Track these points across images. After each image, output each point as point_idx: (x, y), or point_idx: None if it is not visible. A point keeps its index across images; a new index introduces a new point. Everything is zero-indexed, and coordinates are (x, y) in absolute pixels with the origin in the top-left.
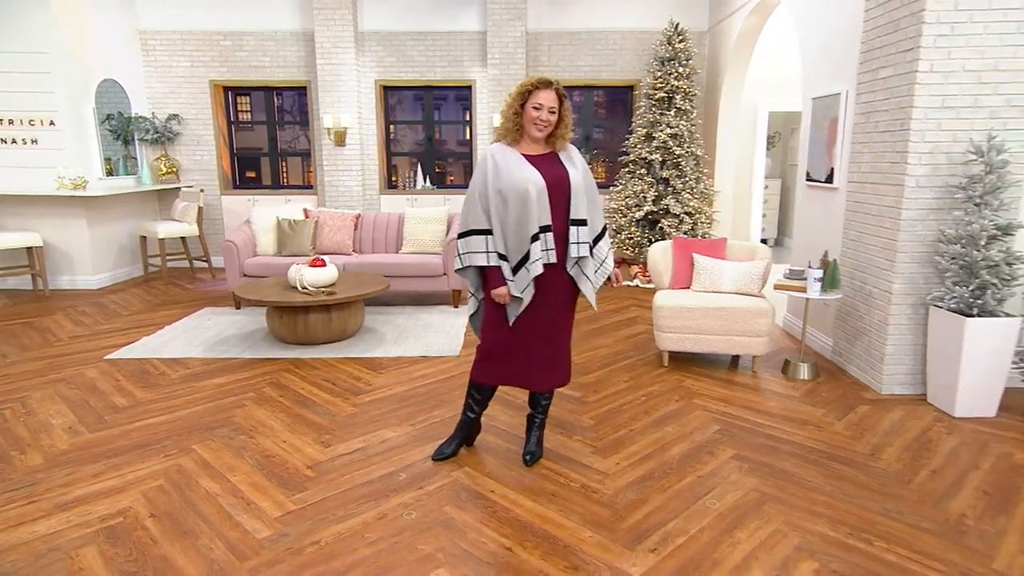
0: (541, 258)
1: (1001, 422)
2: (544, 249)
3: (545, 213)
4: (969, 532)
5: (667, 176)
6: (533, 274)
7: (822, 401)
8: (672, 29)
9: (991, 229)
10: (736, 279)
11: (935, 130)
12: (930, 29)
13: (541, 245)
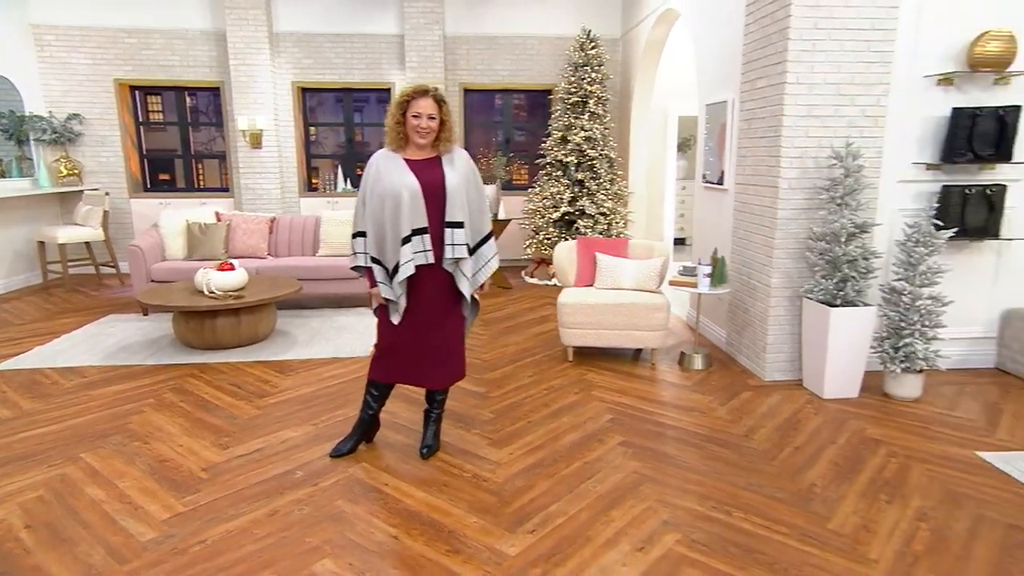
0: (413, 260)
1: (862, 401)
2: (417, 251)
3: (419, 216)
4: (815, 499)
5: (582, 178)
6: (403, 275)
7: (711, 389)
8: (585, 36)
9: (850, 227)
10: (635, 276)
11: (803, 137)
12: (794, 45)
13: (413, 247)
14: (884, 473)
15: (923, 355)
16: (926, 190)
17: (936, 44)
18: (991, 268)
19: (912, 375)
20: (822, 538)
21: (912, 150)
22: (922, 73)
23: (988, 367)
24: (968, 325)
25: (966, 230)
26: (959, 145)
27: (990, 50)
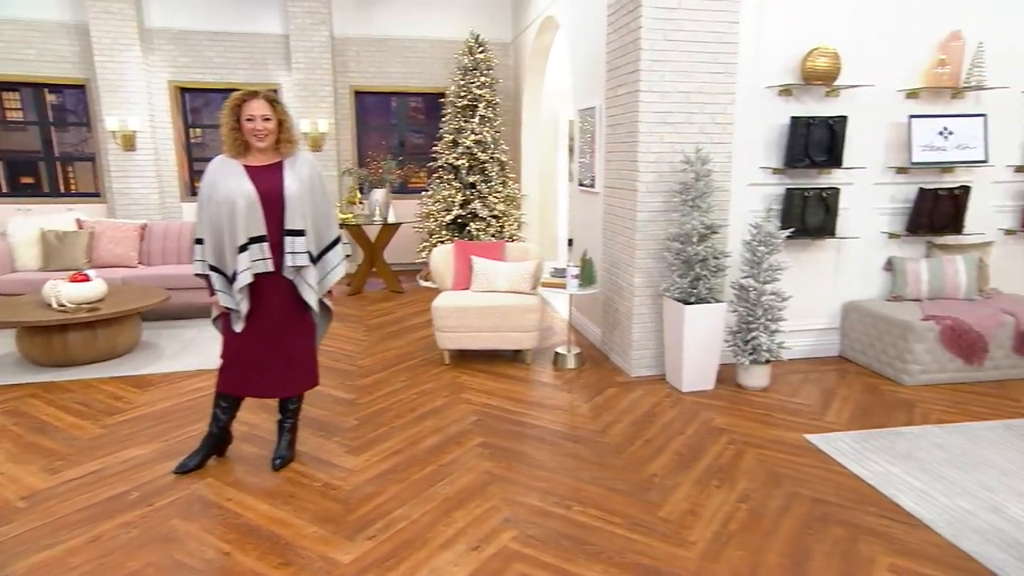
0: (251, 268)
1: (717, 393)
2: (256, 259)
3: (256, 224)
4: (654, 488)
5: (474, 181)
6: (240, 284)
7: (579, 387)
8: (473, 40)
9: (701, 228)
10: (509, 278)
11: (658, 142)
12: (646, 55)
13: (251, 255)
14: (720, 460)
15: (767, 347)
16: (773, 193)
17: (775, 58)
18: (832, 264)
19: (760, 366)
20: (651, 525)
21: (759, 155)
22: (764, 84)
23: (833, 355)
24: (815, 317)
25: (806, 230)
26: (797, 151)
27: (819, 65)
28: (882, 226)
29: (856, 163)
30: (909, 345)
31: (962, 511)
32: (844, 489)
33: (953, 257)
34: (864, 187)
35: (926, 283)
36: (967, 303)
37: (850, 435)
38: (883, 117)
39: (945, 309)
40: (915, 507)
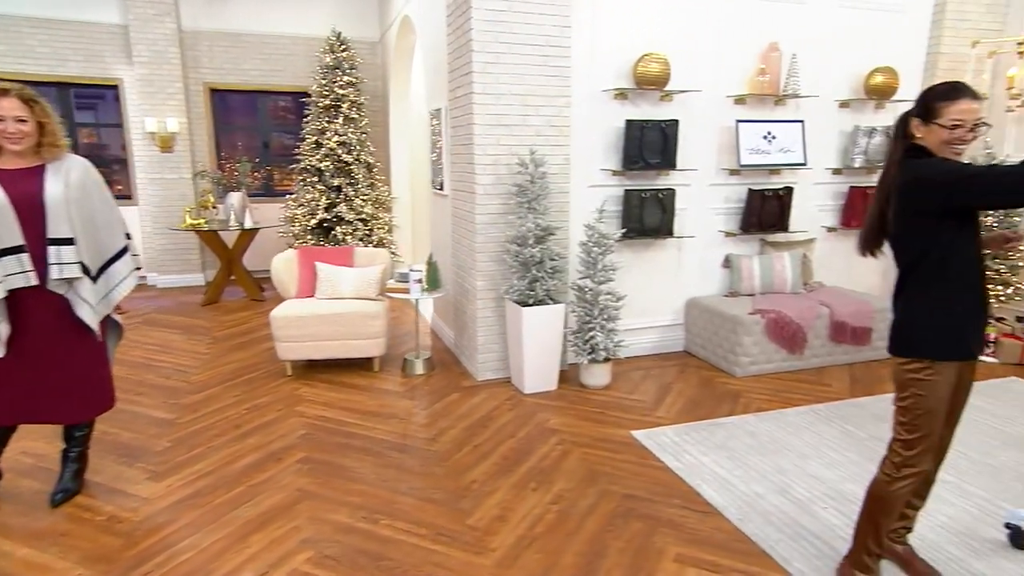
0: (5, 282)
1: (559, 393)
2: (12, 272)
3: (9, 233)
4: (470, 496)
5: (339, 184)
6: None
7: (422, 394)
8: (335, 37)
9: (536, 231)
10: (355, 284)
11: (494, 145)
12: (479, 57)
13: (4, 268)
14: (544, 462)
15: (604, 346)
16: (613, 194)
17: (609, 62)
18: (674, 263)
19: (599, 364)
20: (455, 535)
21: (599, 157)
22: (600, 88)
23: (678, 351)
24: (660, 314)
25: (644, 229)
26: (633, 153)
27: (651, 70)
28: (719, 225)
29: (691, 165)
30: (739, 338)
31: (754, 496)
32: (654, 483)
33: (781, 254)
34: (700, 188)
35: (758, 279)
36: (792, 296)
37: (674, 429)
38: (714, 121)
39: (772, 303)
40: (714, 495)
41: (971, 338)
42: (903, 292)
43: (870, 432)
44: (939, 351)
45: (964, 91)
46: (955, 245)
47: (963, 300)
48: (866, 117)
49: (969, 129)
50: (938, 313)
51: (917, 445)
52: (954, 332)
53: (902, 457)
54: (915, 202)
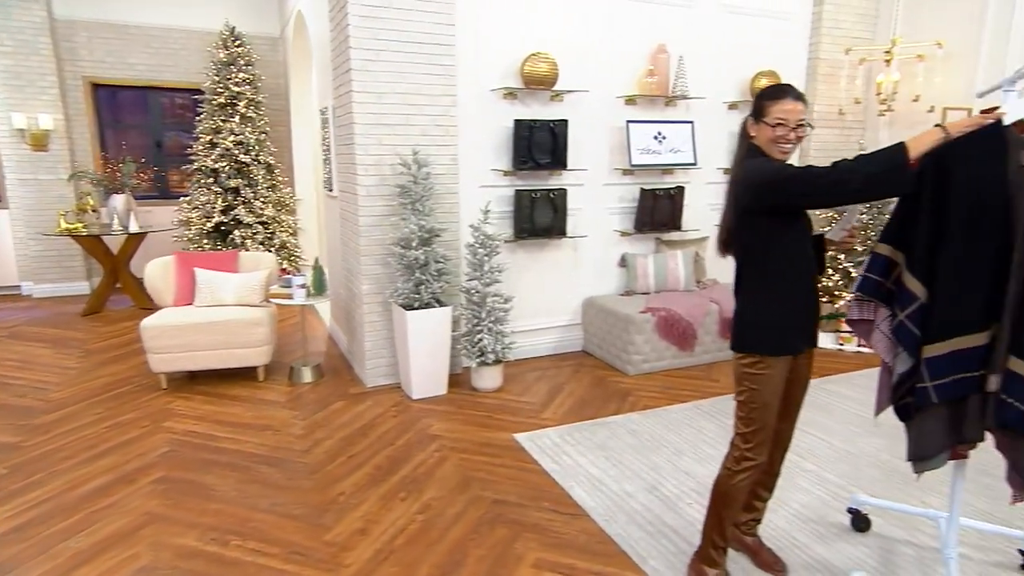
0: None
1: (448, 398)
2: None
3: None
4: (333, 509)
5: (236, 185)
6: None
7: (305, 403)
8: (228, 32)
9: (420, 233)
10: (237, 291)
11: (376, 144)
12: (357, 54)
13: None
14: (419, 470)
15: (492, 348)
16: (504, 194)
17: (496, 61)
18: (570, 263)
19: (490, 367)
20: (309, 552)
21: (489, 157)
22: (488, 87)
23: (577, 350)
24: (558, 314)
25: (536, 230)
26: (522, 153)
27: (538, 69)
28: (614, 224)
29: (583, 165)
30: (631, 337)
31: (624, 495)
32: (528, 487)
33: (675, 252)
34: (594, 188)
35: (653, 277)
36: (684, 294)
37: (558, 430)
38: (605, 121)
39: (664, 301)
40: (584, 497)
41: (799, 334)
42: (739, 288)
43: None
44: (767, 347)
45: (788, 92)
46: (783, 243)
47: (791, 297)
48: None
49: (792, 128)
50: (767, 310)
51: (753, 438)
52: (782, 328)
53: (740, 451)
54: (743, 201)
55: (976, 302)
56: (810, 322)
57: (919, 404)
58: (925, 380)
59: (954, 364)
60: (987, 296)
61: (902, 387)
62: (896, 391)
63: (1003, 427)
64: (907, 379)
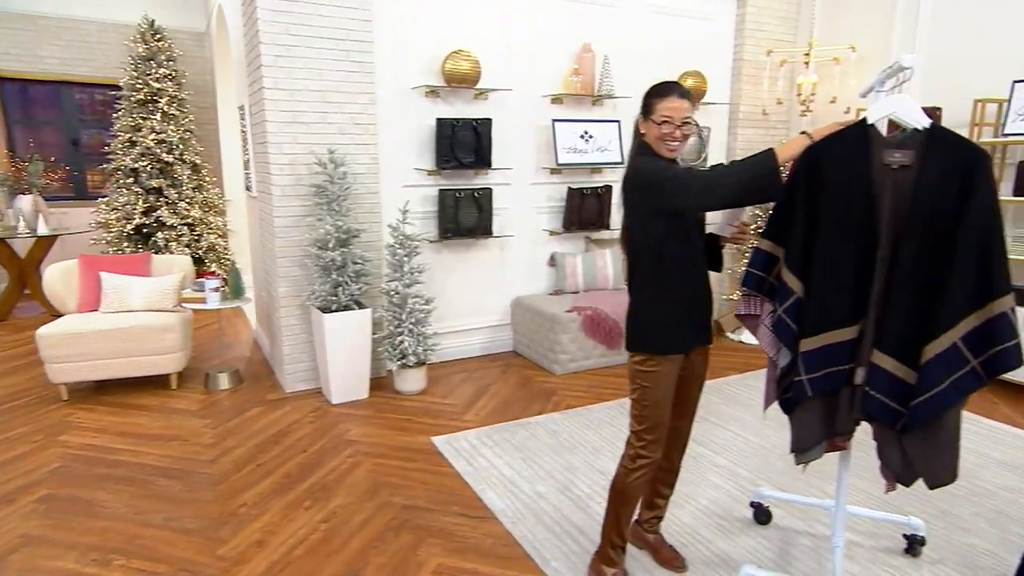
0: None
1: (370, 401)
2: None
3: None
4: (232, 521)
5: (158, 185)
6: None
7: (219, 411)
8: (147, 25)
9: (337, 233)
10: (147, 295)
11: (291, 143)
12: (268, 49)
13: None
14: (330, 477)
15: (414, 350)
16: (429, 194)
17: (417, 59)
18: (498, 262)
19: (413, 369)
20: (199, 569)
21: (412, 157)
22: (410, 85)
23: (507, 351)
24: (488, 315)
25: (460, 229)
26: (445, 152)
27: (460, 67)
28: (543, 224)
29: (511, 164)
30: (557, 336)
31: (535, 496)
32: (439, 491)
33: (603, 251)
34: (521, 187)
35: (582, 276)
36: (612, 293)
37: (478, 432)
38: (531, 120)
39: (591, 300)
40: (494, 499)
41: (690, 332)
42: (632, 287)
43: None
44: (657, 345)
45: (673, 89)
46: (673, 242)
47: (682, 296)
48: None
49: (677, 126)
50: (657, 308)
51: (646, 436)
52: (672, 327)
53: (635, 449)
54: (632, 199)
55: (846, 298)
56: (702, 320)
57: (796, 398)
58: (801, 374)
59: (826, 358)
60: (855, 292)
61: (784, 381)
62: (779, 385)
63: (869, 419)
64: (788, 373)
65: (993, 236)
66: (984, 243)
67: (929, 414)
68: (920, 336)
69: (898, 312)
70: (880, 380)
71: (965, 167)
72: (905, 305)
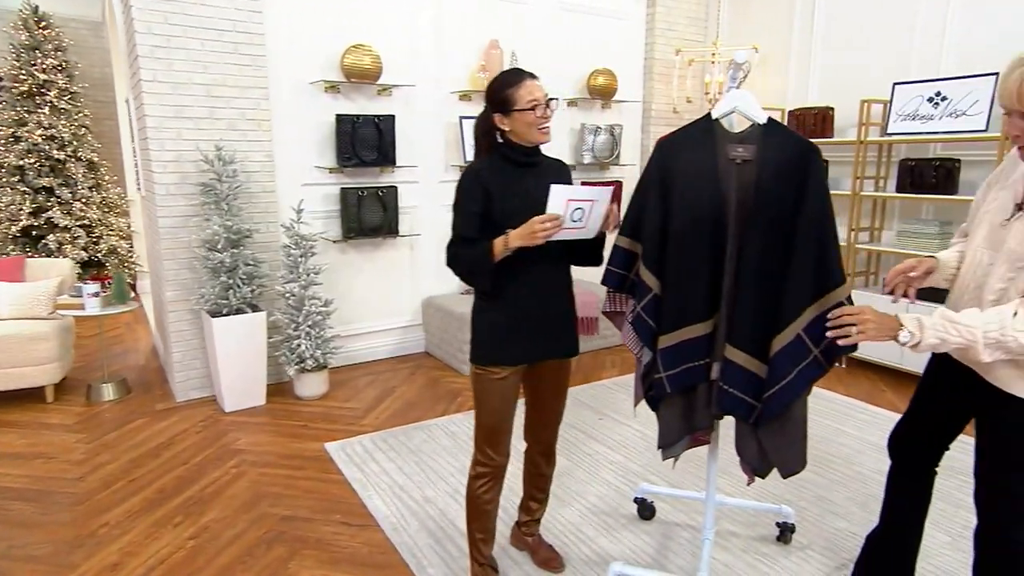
0: None
1: (266, 408)
2: None
3: None
4: (89, 543)
5: (48, 184)
6: None
7: (97, 424)
8: (30, 12)
9: (225, 234)
10: (17, 302)
11: (175, 139)
12: (144, 39)
13: None
14: (207, 490)
15: (311, 354)
16: (331, 192)
17: (316, 53)
18: (407, 262)
19: (312, 373)
20: None
21: (312, 154)
22: (308, 79)
23: (419, 352)
24: (398, 316)
25: (364, 229)
26: (346, 150)
27: (360, 62)
28: None
29: (417, 162)
30: (465, 335)
31: (422, 501)
32: (323, 499)
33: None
34: (430, 185)
35: None
36: None
37: (374, 436)
38: (439, 117)
39: None
40: (379, 506)
41: (529, 346)
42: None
43: (569, 421)
44: (487, 359)
45: (523, 74)
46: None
47: (516, 310)
48: (594, 116)
49: (545, 105)
50: (482, 315)
51: (484, 445)
52: (503, 341)
53: (475, 458)
54: None
55: (699, 293)
56: (553, 330)
57: (658, 395)
58: (660, 371)
59: (682, 354)
60: (708, 287)
61: (647, 379)
62: (644, 382)
63: (725, 413)
64: (650, 371)
65: (827, 227)
66: (820, 235)
67: (781, 406)
68: (768, 329)
69: (746, 306)
70: (733, 375)
71: (798, 161)
72: (752, 299)
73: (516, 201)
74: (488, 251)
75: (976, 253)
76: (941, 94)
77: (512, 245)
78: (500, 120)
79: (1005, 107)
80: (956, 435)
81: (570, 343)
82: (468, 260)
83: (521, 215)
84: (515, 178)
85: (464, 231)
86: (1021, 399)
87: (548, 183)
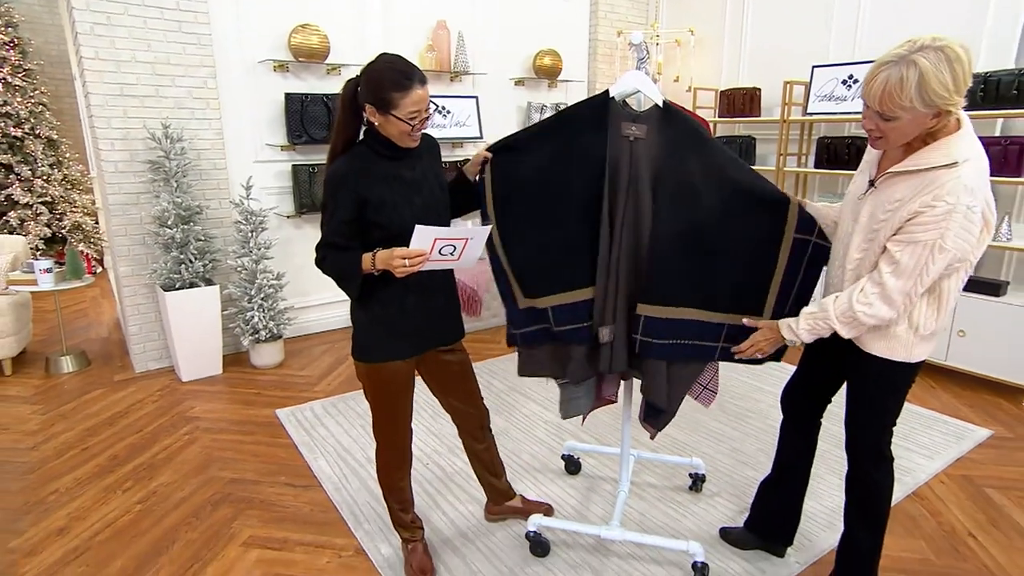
0: None
1: (223, 377)
2: None
3: None
4: (37, 510)
5: (7, 162)
6: None
7: (54, 395)
8: None
9: (175, 211)
10: None
11: (122, 117)
12: (83, 16)
13: None
14: (159, 456)
15: (265, 325)
16: (284, 170)
17: (263, 32)
18: None
19: (266, 344)
20: None
21: (264, 132)
22: (256, 58)
23: None
24: None
25: (316, 205)
26: (295, 128)
27: (307, 42)
28: None
29: None
30: None
31: (365, 462)
32: (270, 462)
33: (466, 222)
34: None
35: None
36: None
37: (324, 402)
38: None
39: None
40: (324, 468)
41: (410, 340)
42: None
43: (510, 384)
44: (364, 354)
45: (415, 77)
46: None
47: (391, 305)
48: (540, 95)
49: (425, 116)
50: (365, 318)
51: (383, 434)
52: (381, 336)
53: (378, 448)
54: None
55: (583, 260)
56: (429, 325)
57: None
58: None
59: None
60: (589, 255)
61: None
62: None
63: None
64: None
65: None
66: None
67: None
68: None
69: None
70: (655, 325)
71: (694, 138)
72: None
73: (386, 188)
74: (356, 263)
75: (843, 224)
76: (853, 77)
77: (378, 267)
78: (372, 112)
79: (866, 103)
80: (836, 390)
81: (455, 329)
82: (336, 268)
83: (395, 203)
84: (384, 167)
85: (333, 238)
86: (879, 358)
87: (421, 167)
